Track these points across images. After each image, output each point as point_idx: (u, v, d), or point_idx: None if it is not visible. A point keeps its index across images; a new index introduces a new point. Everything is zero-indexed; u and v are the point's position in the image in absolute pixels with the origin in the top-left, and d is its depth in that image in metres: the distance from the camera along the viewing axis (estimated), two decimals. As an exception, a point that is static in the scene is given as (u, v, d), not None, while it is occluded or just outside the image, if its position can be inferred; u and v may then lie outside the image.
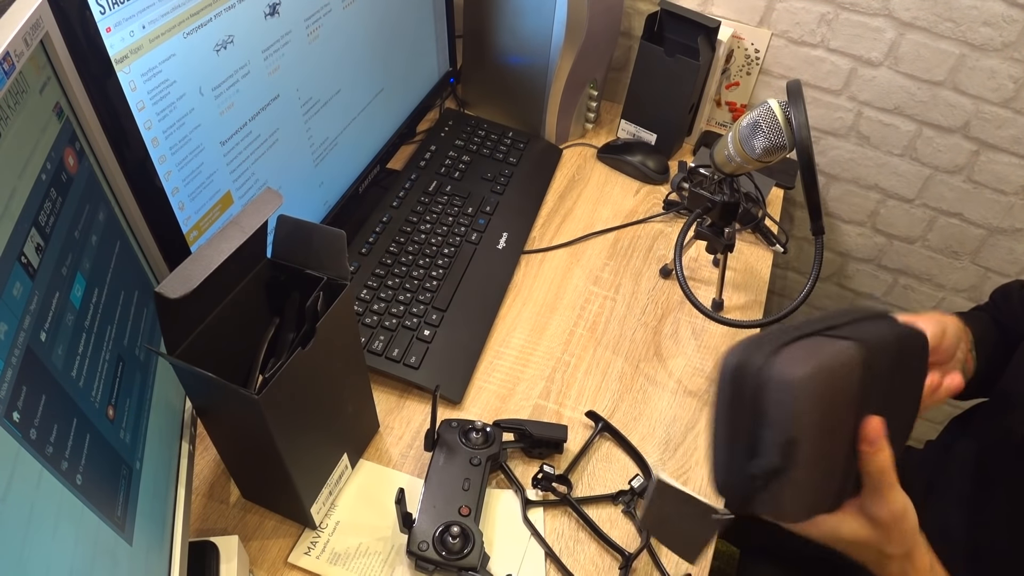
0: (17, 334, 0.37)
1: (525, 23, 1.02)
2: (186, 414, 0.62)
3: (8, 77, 0.39)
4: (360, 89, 0.88)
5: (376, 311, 0.82)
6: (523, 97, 1.09)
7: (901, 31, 1.02)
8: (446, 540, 0.62)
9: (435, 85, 1.10)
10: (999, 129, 1.05)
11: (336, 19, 0.78)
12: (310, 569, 0.64)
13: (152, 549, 0.50)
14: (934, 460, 0.85)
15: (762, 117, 0.72)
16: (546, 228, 0.99)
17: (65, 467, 0.39)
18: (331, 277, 0.58)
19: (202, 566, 0.59)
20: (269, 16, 0.67)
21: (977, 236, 1.18)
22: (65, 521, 0.38)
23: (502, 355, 0.83)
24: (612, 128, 1.17)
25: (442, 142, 1.06)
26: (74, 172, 0.47)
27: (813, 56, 1.09)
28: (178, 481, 0.57)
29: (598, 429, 0.76)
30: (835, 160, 1.19)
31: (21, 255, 0.39)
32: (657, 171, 1.07)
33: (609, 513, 0.71)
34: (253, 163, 0.70)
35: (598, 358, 0.84)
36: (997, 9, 0.95)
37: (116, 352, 0.49)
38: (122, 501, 0.46)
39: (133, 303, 0.54)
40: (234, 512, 0.67)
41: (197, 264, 0.49)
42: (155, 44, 0.55)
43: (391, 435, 0.75)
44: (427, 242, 0.91)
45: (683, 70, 1.02)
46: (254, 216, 0.53)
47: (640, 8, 1.15)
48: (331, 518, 0.67)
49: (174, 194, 0.61)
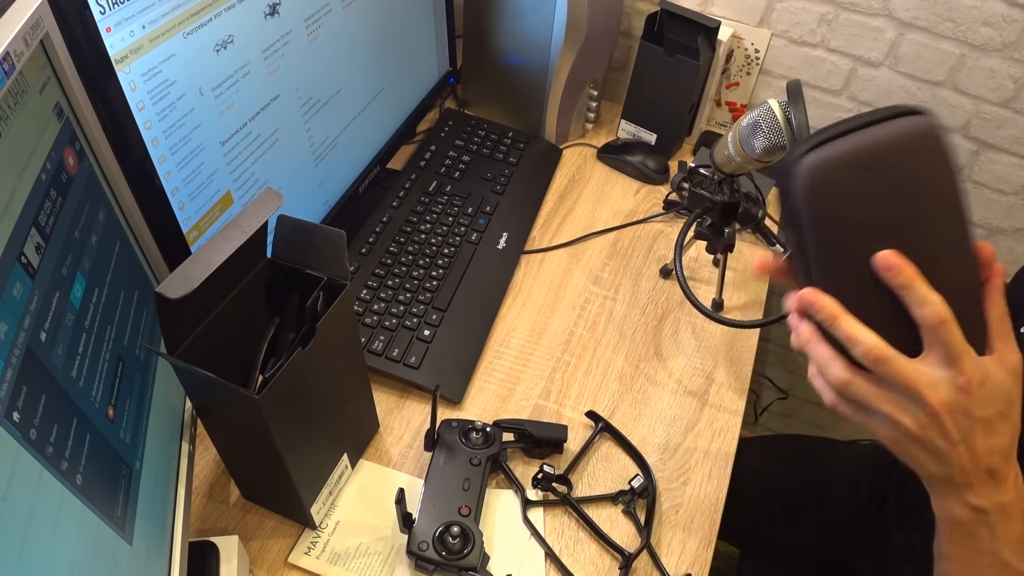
0: (17, 334, 0.37)
1: (525, 23, 1.02)
2: (186, 414, 0.62)
3: (8, 77, 0.39)
4: (360, 89, 0.88)
5: (376, 311, 0.82)
6: (523, 97, 1.09)
7: (901, 31, 1.02)
8: (446, 540, 0.62)
9: (435, 85, 1.10)
10: (999, 129, 1.05)
11: (336, 19, 0.78)
12: (310, 569, 0.64)
13: (152, 549, 0.50)
14: None
15: (762, 117, 0.72)
16: (546, 228, 0.99)
17: (65, 467, 0.39)
18: (331, 277, 0.58)
19: (202, 566, 0.59)
20: (269, 16, 0.67)
21: (977, 236, 1.17)
22: (65, 521, 0.38)
23: (502, 355, 0.83)
24: (612, 128, 1.17)
25: (442, 142, 1.06)
26: (74, 172, 0.47)
27: (813, 56, 1.09)
28: (178, 481, 0.57)
29: (598, 429, 0.76)
30: (835, 160, 1.18)
31: (21, 255, 0.39)
32: (657, 171, 1.07)
33: (609, 513, 0.71)
34: (253, 163, 0.70)
35: (598, 358, 0.84)
36: (997, 9, 0.95)
37: (116, 352, 0.49)
38: (122, 501, 0.46)
39: (133, 303, 0.54)
40: (234, 512, 0.67)
41: (197, 264, 0.49)
42: (155, 44, 0.55)
43: (391, 435, 0.75)
44: (427, 242, 0.91)
45: (683, 70, 1.02)
46: (254, 216, 0.53)
47: (640, 8, 1.15)
48: (331, 518, 0.67)
49: (174, 194, 0.61)
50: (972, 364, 0.43)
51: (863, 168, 0.41)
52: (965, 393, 0.43)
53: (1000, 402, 0.44)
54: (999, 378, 0.44)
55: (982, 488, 0.45)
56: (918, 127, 0.42)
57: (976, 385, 0.43)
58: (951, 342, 0.42)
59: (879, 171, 0.41)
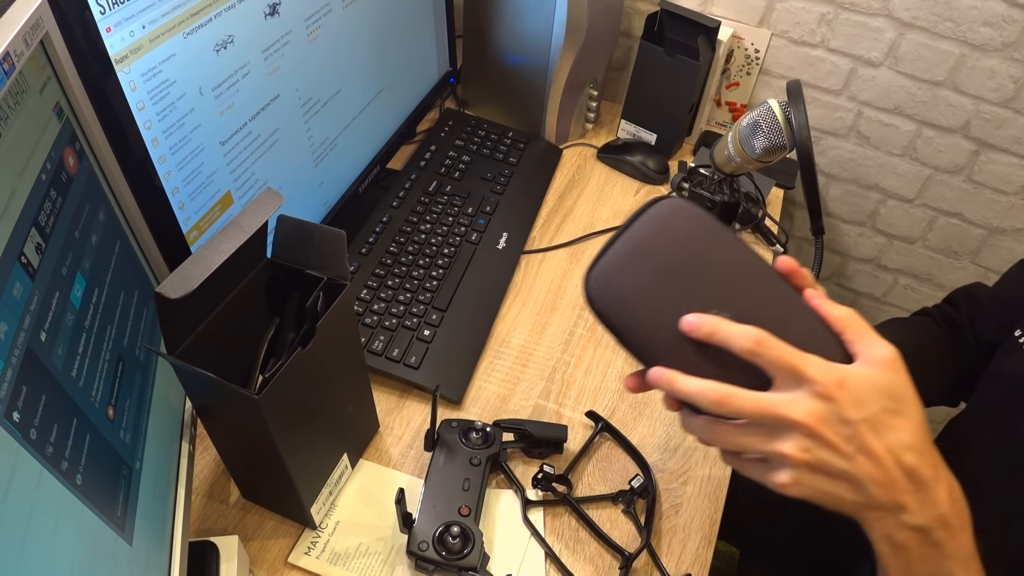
0: (17, 334, 0.37)
1: (525, 23, 1.02)
2: (186, 414, 0.62)
3: (8, 77, 0.39)
4: (360, 89, 0.88)
5: (376, 311, 0.82)
6: (523, 97, 1.09)
7: (901, 31, 1.02)
8: (446, 540, 0.62)
9: (435, 85, 1.10)
10: (999, 129, 1.05)
11: (336, 19, 0.78)
12: (310, 569, 0.64)
13: (152, 549, 0.50)
14: None
15: (762, 117, 0.72)
16: (546, 228, 0.99)
17: (65, 467, 0.39)
18: (331, 277, 0.58)
19: (202, 566, 0.59)
20: (269, 16, 0.67)
21: (977, 236, 1.18)
22: (65, 521, 0.38)
23: (502, 355, 0.83)
24: (612, 128, 1.17)
25: (442, 142, 1.06)
26: (74, 172, 0.47)
27: (813, 56, 1.09)
28: (178, 481, 0.57)
29: (598, 429, 0.76)
30: (835, 160, 1.19)
31: (21, 255, 0.39)
32: (657, 171, 1.07)
33: (609, 513, 0.71)
34: (253, 163, 0.70)
35: (598, 358, 0.84)
36: (997, 9, 0.95)
37: (116, 352, 0.49)
38: (122, 501, 0.46)
39: (133, 303, 0.54)
40: (234, 512, 0.67)
41: (197, 264, 0.49)
42: (155, 44, 0.55)
43: (391, 435, 0.75)
44: (427, 242, 0.91)
45: (683, 70, 1.02)
46: (254, 216, 0.53)
47: (640, 8, 1.15)
48: (331, 518, 0.67)
49: (174, 194, 0.61)
50: (819, 369, 0.42)
51: (632, 260, 0.47)
52: (827, 399, 0.41)
53: (879, 398, 0.42)
54: (866, 375, 0.42)
55: (911, 501, 0.42)
56: (662, 207, 0.47)
57: (835, 387, 0.41)
58: (781, 357, 0.42)
59: (646, 256, 0.47)
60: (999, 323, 0.72)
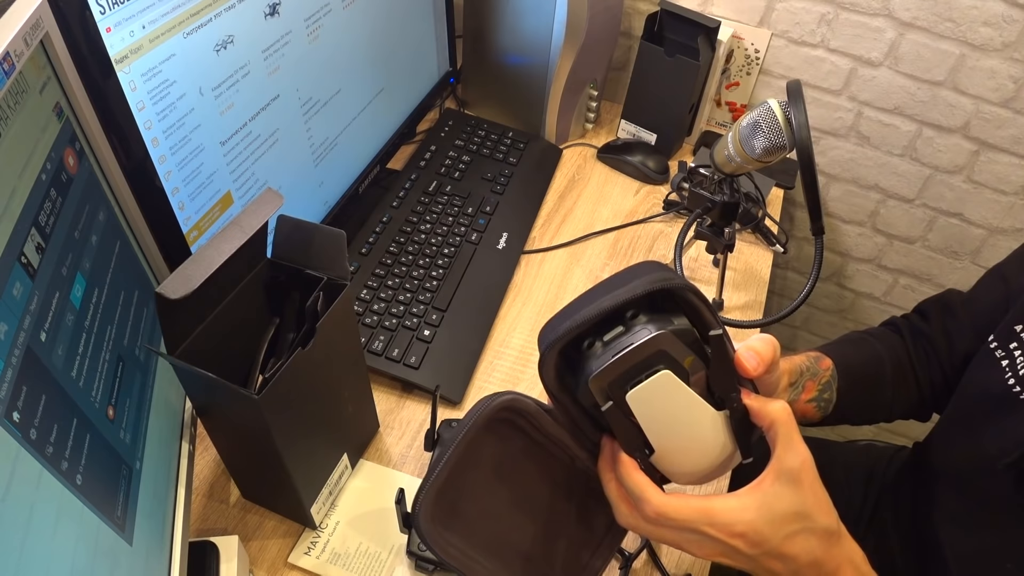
0: (17, 334, 0.37)
1: (525, 23, 1.02)
2: (186, 414, 0.62)
3: (8, 77, 0.39)
4: (360, 89, 0.88)
5: (376, 311, 0.82)
6: (523, 97, 1.09)
7: (901, 31, 1.02)
8: (446, 540, 0.62)
9: (435, 85, 1.10)
10: (999, 129, 1.05)
11: (336, 19, 0.78)
12: (310, 569, 0.64)
13: (152, 549, 0.50)
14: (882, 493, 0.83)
15: (762, 117, 0.72)
16: (546, 228, 0.99)
17: (65, 467, 0.39)
18: (331, 277, 0.58)
19: (202, 566, 0.59)
20: (269, 16, 0.67)
21: (977, 236, 1.18)
22: (65, 521, 0.38)
23: (502, 355, 0.83)
24: (612, 128, 1.17)
25: (442, 142, 1.06)
26: (74, 172, 0.47)
27: (813, 56, 1.09)
28: (178, 481, 0.57)
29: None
30: (835, 160, 1.19)
31: (21, 255, 0.39)
32: (657, 171, 1.07)
33: (609, 513, 0.71)
34: (253, 163, 0.70)
35: (598, 358, 0.84)
36: (997, 9, 0.95)
37: (116, 352, 0.49)
38: (122, 501, 0.46)
39: (133, 303, 0.54)
40: (234, 512, 0.67)
41: (197, 264, 0.49)
42: (155, 44, 0.55)
43: (391, 435, 0.75)
44: (427, 242, 0.91)
45: (683, 70, 1.02)
46: (254, 216, 0.53)
47: (640, 8, 1.15)
48: (331, 518, 0.67)
49: (174, 194, 0.61)
50: (721, 522, 0.45)
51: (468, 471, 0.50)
52: (729, 545, 0.45)
53: (781, 526, 0.45)
54: (768, 506, 0.45)
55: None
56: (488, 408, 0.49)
57: (734, 537, 0.45)
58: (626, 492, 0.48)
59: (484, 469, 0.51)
60: (975, 332, 0.71)
